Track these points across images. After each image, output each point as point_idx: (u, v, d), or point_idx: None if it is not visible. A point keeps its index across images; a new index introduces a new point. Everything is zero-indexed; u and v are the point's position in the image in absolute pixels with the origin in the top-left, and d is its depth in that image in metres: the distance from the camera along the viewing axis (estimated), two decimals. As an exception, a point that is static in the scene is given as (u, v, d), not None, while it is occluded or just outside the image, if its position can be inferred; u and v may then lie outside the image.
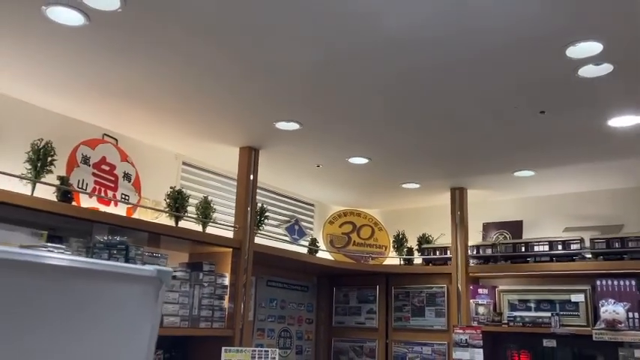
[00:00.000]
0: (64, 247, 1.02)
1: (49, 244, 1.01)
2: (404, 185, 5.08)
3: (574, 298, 4.53)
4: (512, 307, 4.86)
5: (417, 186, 5.09)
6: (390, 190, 5.31)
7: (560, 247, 4.56)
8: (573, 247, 4.50)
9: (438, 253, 5.22)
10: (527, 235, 5.05)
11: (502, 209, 5.34)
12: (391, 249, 5.71)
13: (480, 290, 5.01)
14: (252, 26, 2.51)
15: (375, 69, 2.88)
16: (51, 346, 0.91)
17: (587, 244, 4.44)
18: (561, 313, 4.54)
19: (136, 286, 1.03)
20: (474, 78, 2.94)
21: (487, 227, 5.34)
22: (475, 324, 4.81)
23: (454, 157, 4.27)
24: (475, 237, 5.19)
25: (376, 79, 3.00)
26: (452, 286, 5.01)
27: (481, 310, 4.91)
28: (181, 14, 2.42)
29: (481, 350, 4.55)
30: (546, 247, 4.62)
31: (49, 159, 3.13)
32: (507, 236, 5.17)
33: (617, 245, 4.28)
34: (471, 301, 4.94)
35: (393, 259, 5.62)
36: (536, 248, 4.68)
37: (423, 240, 5.39)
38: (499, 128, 3.65)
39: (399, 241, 5.51)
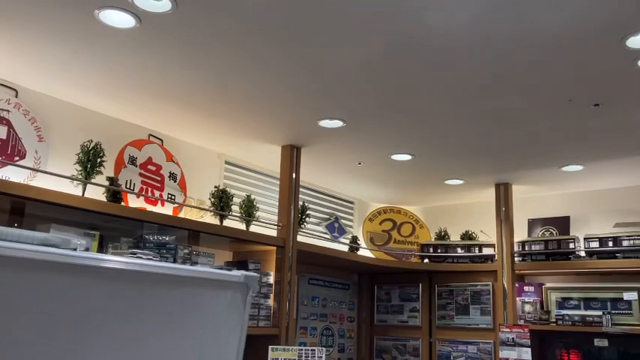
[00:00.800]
0: (152, 253, 1.01)
1: (137, 251, 1.01)
2: (447, 182, 5.00)
3: (627, 296, 4.39)
4: (560, 305, 4.74)
5: (461, 182, 5.01)
6: (433, 187, 5.24)
7: (610, 243, 4.43)
8: (625, 243, 4.36)
9: (478, 250, 5.13)
10: (574, 232, 4.91)
11: (548, 205, 5.21)
12: (433, 246, 5.62)
13: (526, 288, 4.91)
14: (301, 25, 2.49)
15: (423, 65, 2.82)
16: (151, 349, 0.90)
17: (640, 240, 4.30)
18: (613, 311, 4.40)
19: (225, 291, 1.02)
20: (526, 72, 2.86)
21: (532, 223, 5.22)
22: (522, 322, 4.71)
23: (500, 152, 4.18)
24: (520, 233, 5.08)
25: (424, 76, 2.94)
26: (497, 283, 4.92)
27: (527, 308, 4.80)
28: (230, 14, 2.41)
29: (529, 349, 4.45)
30: (596, 244, 4.48)
31: (99, 160, 3.18)
32: (554, 232, 5.04)
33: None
34: (517, 299, 4.84)
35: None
36: (585, 245, 4.55)
37: (467, 237, 5.31)
38: (549, 122, 3.55)
39: (442, 239, 5.43)
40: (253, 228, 4.01)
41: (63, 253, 0.79)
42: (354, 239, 5.19)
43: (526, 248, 4.86)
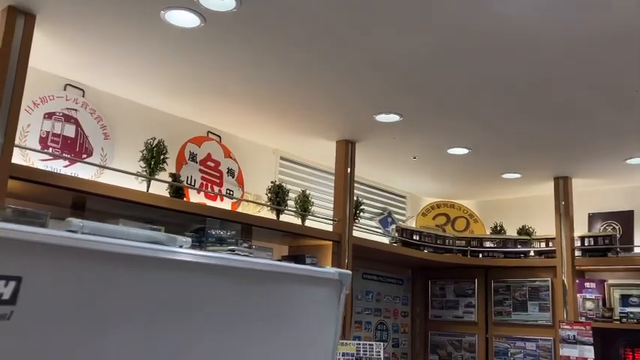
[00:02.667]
0: (248, 250, 1.04)
1: (235, 248, 1.04)
2: (504, 175, 4.90)
3: (696, 293, 4.21)
4: (624, 302, 4.58)
5: (518, 176, 4.90)
6: (488, 181, 5.15)
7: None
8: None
9: (537, 245, 5.01)
10: (639, 227, 4.74)
11: (610, 199, 5.04)
12: (488, 241, 5.53)
13: (587, 284, 4.77)
14: (361, 22, 2.48)
15: (484, 60, 2.77)
16: (249, 344, 0.93)
17: None
18: (682, 309, 4.23)
19: (320, 288, 1.04)
20: (591, 64, 2.77)
21: (593, 218, 5.06)
22: (583, 319, 4.58)
23: (560, 145, 4.07)
24: (580, 228, 4.94)
25: (485, 70, 2.89)
26: (557, 279, 4.79)
27: (589, 305, 4.67)
28: (292, 13, 2.43)
29: (592, 347, 4.32)
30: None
31: (162, 157, 3.27)
32: (616, 227, 4.87)
33: None
34: (578, 295, 4.71)
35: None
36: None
37: (523, 232, 5.19)
38: (614, 114, 3.43)
39: (497, 233, 5.33)
40: (308, 223, 4.05)
41: (174, 250, 0.82)
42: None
43: (586, 243, 4.72)
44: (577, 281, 4.74)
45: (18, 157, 2.77)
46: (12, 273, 0.65)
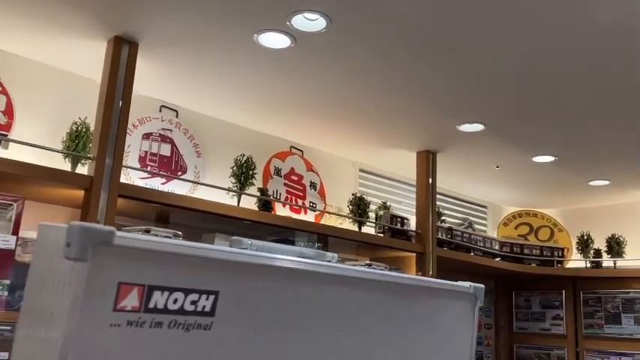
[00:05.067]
0: (383, 264, 1.10)
1: (372, 263, 1.09)
2: (591, 182, 4.73)
3: None
4: None
5: (607, 183, 4.72)
6: (574, 189, 4.98)
7: None
8: None
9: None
10: None
11: None
12: (574, 251, 5.34)
13: (687, 296, 4.51)
14: (447, 35, 2.50)
15: (574, 68, 2.72)
16: (393, 355, 0.98)
17: None
18: None
19: (455, 302, 1.08)
20: (693, 62, 2.66)
21: (691, 226, 4.79)
22: (684, 334, 4.33)
23: (654, 149, 3.89)
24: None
25: (574, 78, 2.83)
26: (653, 291, 4.56)
27: (690, 318, 4.41)
28: (380, 30, 2.49)
29: (695, 363, 4.08)
30: None
31: (251, 172, 3.41)
32: None
33: None
34: (677, 308, 4.46)
35: (578, 262, 5.26)
36: None
37: (613, 241, 4.98)
38: None
39: (584, 243, 5.14)
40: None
41: (328, 265, 0.89)
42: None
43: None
44: (675, 293, 4.50)
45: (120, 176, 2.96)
46: (211, 288, 0.73)
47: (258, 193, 3.45)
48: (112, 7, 2.43)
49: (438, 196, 5.07)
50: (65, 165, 2.68)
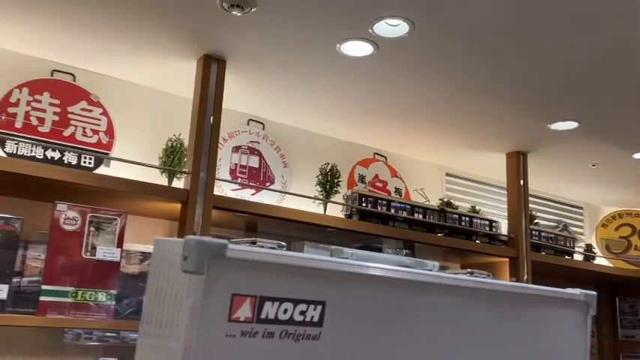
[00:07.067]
0: (486, 272, 1.08)
1: (474, 271, 1.08)
2: (702, 179, 4.38)
3: None
4: None
5: None
6: (682, 186, 4.62)
7: None
8: None
9: None
10: None
11: None
12: (684, 253, 4.95)
13: None
14: (531, 30, 2.41)
15: (681, 50, 2.53)
16: None
17: None
18: None
19: (567, 310, 1.04)
20: None
21: None
22: None
23: None
24: None
25: (681, 62, 2.63)
26: None
27: None
28: (463, 31, 2.43)
29: None
30: None
31: (335, 180, 3.44)
32: None
33: None
34: None
35: (689, 265, 4.86)
36: None
37: None
38: None
39: (696, 244, 4.74)
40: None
41: (432, 274, 0.88)
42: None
43: None
44: None
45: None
46: (318, 298, 0.74)
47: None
48: (201, 28, 2.54)
49: (530, 198, 4.88)
50: (161, 180, 2.82)
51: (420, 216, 3.57)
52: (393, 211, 3.45)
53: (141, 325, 0.80)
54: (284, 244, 0.81)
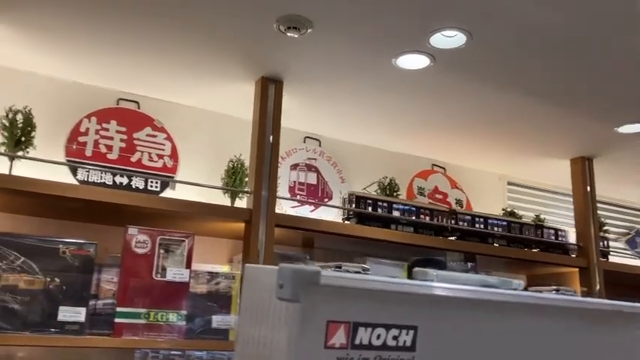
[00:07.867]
0: (571, 289, 1.04)
1: (561, 288, 1.04)
2: None
3: None
4: None
5: None
6: None
7: None
8: None
9: None
10: None
11: None
12: None
13: None
14: (600, 28, 2.33)
15: None
16: None
17: None
18: None
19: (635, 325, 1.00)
20: None
21: None
22: None
23: None
24: None
25: None
26: None
27: None
28: (519, 38, 2.38)
29: None
30: None
31: (394, 194, 3.41)
32: None
33: None
34: None
35: None
36: None
37: None
38: None
39: None
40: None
41: (520, 294, 0.86)
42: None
43: None
44: None
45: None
46: (410, 322, 0.74)
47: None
48: (259, 52, 2.59)
49: (597, 204, 4.69)
50: (224, 200, 2.87)
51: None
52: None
53: (236, 346, 0.81)
54: (368, 267, 0.80)
